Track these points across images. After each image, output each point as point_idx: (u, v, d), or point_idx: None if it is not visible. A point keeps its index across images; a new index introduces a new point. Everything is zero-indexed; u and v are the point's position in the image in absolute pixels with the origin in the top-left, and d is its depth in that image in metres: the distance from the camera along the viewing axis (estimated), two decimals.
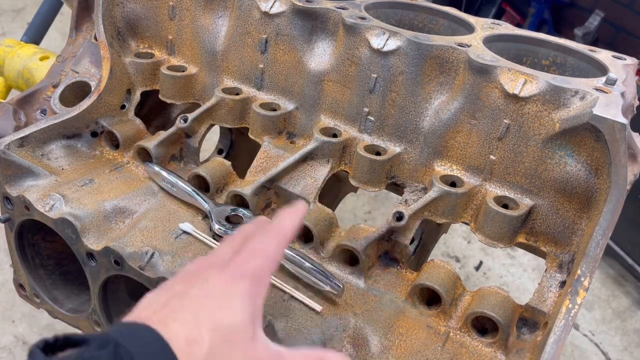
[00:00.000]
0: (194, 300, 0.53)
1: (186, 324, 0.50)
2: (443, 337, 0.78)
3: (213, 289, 0.54)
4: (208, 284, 0.55)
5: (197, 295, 0.54)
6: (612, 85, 0.77)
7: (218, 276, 0.56)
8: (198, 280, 0.56)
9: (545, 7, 3.27)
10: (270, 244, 0.59)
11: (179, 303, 0.53)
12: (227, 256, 0.59)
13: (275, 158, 0.98)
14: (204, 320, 0.51)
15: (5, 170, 0.96)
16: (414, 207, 0.84)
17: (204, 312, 0.52)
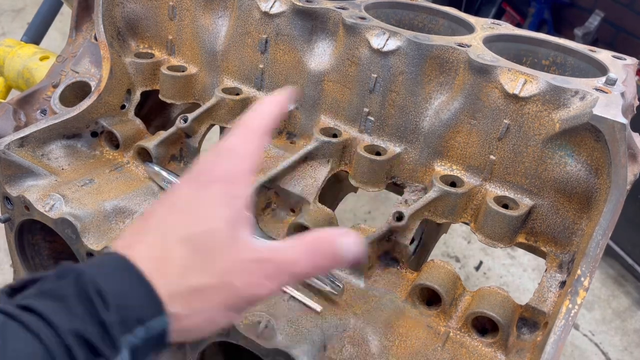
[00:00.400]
0: (159, 218, 0.50)
1: (153, 243, 0.48)
2: (443, 337, 0.78)
3: (179, 201, 0.51)
4: (174, 198, 0.51)
5: (163, 213, 0.50)
6: (612, 85, 0.77)
7: (185, 188, 0.52)
8: (166, 199, 0.52)
9: (545, 7, 3.27)
10: (240, 142, 0.53)
11: (145, 224, 0.50)
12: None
13: (275, 158, 0.98)
14: (171, 235, 0.48)
15: (5, 170, 0.96)
16: (414, 207, 0.84)
17: (170, 226, 0.49)
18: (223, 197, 0.50)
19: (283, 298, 0.81)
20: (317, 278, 0.80)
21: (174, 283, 0.46)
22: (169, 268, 0.46)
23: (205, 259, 0.47)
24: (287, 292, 0.81)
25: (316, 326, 0.77)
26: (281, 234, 0.92)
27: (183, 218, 0.49)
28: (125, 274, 0.45)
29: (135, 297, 0.44)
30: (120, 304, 0.43)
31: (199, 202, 0.50)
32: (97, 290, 0.42)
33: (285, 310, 0.78)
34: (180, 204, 0.50)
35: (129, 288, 0.44)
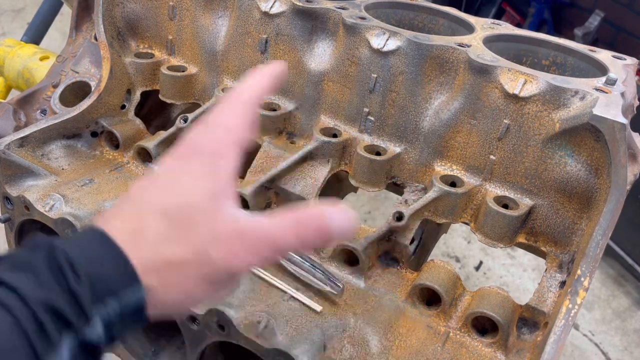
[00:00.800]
0: (139, 192, 0.49)
1: (129, 215, 0.47)
2: (443, 337, 0.78)
3: (161, 175, 0.50)
4: (157, 171, 0.50)
5: (143, 187, 0.49)
6: (612, 85, 0.77)
7: (169, 162, 0.51)
8: (150, 174, 0.51)
9: (545, 7, 3.27)
10: (228, 114, 0.51)
11: (125, 199, 0.49)
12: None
13: (275, 158, 0.98)
14: (147, 207, 0.47)
15: (5, 170, 0.96)
16: (414, 207, 0.84)
17: (148, 199, 0.48)
18: (206, 169, 0.48)
19: (283, 298, 0.81)
20: (317, 278, 0.81)
21: (149, 253, 0.45)
22: (144, 239, 0.45)
23: (181, 230, 0.46)
24: (287, 291, 0.81)
25: (316, 326, 0.77)
26: None
27: (162, 190, 0.48)
28: (99, 244, 0.44)
29: (107, 266, 0.43)
30: (92, 273, 0.42)
31: (180, 175, 0.49)
32: (69, 260, 0.42)
33: (285, 310, 0.78)
34: (161, 178, 0.49)
35: (101, 258, 0.43)
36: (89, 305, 0.41)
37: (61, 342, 0.40)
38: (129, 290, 0.43)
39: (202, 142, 0.50)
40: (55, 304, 0.40)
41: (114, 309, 0.42)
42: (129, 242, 0.44)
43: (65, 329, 0.40)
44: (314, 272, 0.81)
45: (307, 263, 0.82)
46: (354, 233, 0.49)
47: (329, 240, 0.48)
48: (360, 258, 0.84)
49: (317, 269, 0.81)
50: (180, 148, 0.50)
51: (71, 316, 0.40)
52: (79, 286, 0.41)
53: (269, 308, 0.78)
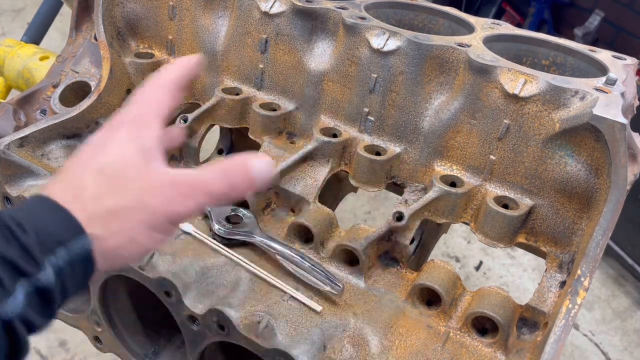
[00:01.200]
0: (74, 160, 0.55)
1: (67, 178, 0.52)
2: (443, 337, 0.78)
3: (92, 144, 0.56)
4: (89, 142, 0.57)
5: (77, 156, 0.55)
6: (612, 85, 0.77)
7: (99, 134, 0.57)
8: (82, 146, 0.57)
9: (545, 7, 3.28)
10: (146, 92, 0.59)
11: (63, 169, 0.55)
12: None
13: (275, 158, 0.98)
14: (84, 169, 0.53)
15: (5, 170, 0.96)
16: (414, 207, 0.84)
17: (83, 163, 0.53)
18: (131, 135, 0.55)
19: (283, 298, 0.81)
20: (317, 278, 0.81)
21: (90, 206, 0.50)
22: (84, 195, 0.50)
23: (118, 183, 0.52)
24: (287, 292, 0.81)
25: (316, 326, 0.77)
26: (281, 234, 0.92)
27: (96, 154, 0.54)
28: (42, 205, 0.48)
29: (52, 221, 0.47)
30: (38, 228, 0.46)
31: (111, 140, 0.55)
32: (15, 221, 0.46)
33: (285, 310, 0.78)
34: (94, 144, 0.55)
35: (45, 215, 0.48)
36: (39, 254, 0.45)
37: (15, 288, 0.44)
38: (75, 239, 0.48)
39: (125, 115, 0.57)
40: (7, 254, 0.44)
41: (62, 257, 0.46)
42: (70, 199, 0.49)
43: (19, 276, 0.44)
44: (314, 272, 0.81)
45: (307, 263, 0.82)
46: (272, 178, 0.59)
47: (252, 184, 0.56)
48: (360, 258, 0.84)
49: (317, 269, 0.81)
50: (109, 122, 0.58)
51: (23, 265, 0.44)
52: (27, 238, 0.45)
53: (268, 308, 0.78)
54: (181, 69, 0.62)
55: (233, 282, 0.83)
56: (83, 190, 0.50)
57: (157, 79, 0.60)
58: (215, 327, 0.78)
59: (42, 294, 0.46)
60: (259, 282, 0.83)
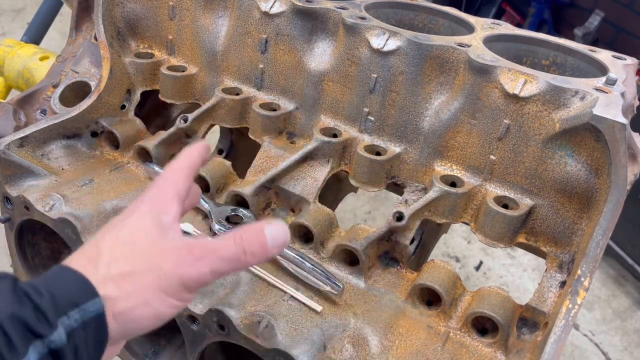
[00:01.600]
0: (98, 235, 0.56)
1: (87, 250, 0.54)
2: (443, 337, 0.78)
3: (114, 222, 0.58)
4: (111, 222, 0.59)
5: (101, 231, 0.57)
6: (612, 85, 0.77)
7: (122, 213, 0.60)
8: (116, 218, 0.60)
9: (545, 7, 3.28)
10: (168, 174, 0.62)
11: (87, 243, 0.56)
12: None
13: (275, 158, 0.98)
14: (102, 242, 0.54)
15: (5, 170, 0.96)
16: (414, 207, 0.84)
17: (103, 237, 0.55)
18: (150, 210, 0.57)
19: (283, 298, 0.81)
20: (317, 278, 0.81)
21: (103, 269, 0.51)
22: (99, 260, 0.52)
23: (133, 249, 0.53)
24: (287, 292, 0.81)
25: (316, 326, 0.77)
26: None
27: (114, 227, 0.56)
28: (58, 271, 0.50)
29: (66, 283, 0.49)
30: (53, 290, 0.47)
31: (129, 215, 0.57)
32: (32, 285, 0.47)
33: (285, 310, 0.78)
34: (114, 224, 0.57)
35: (60, 279, 0.49)
36: (53, 316, 0.46)
37: (27, 350, 0.44)
38: (89, 301, 0.48)
39: (148, 194, 0.60)
40: (21, 315, 0.45)
41: (75, 319, 0.47)
42: (84, 263, 0.51)
43: (32, 338, 0.45)
44: (314, 272, 0.81)
45: (307, 263, 0.82)
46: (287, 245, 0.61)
47: (267, 251, 0.56)
48: (360, 258, 0.84)
49: (317, 269, 0.81)
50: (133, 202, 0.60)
51: (36, 326, 0.45)
52: (41, 301, 0.46)
53: (268, 308, 0.78)
54: (197, 155, 0.65)
55: (233, 282, 0.83)
56: (98, 256, 0.52)
57: (176, 164, 0.63)
58: (215, 327, 0.78)
59: (55, 356, 0.46)
60: (259, 282, 0.83)
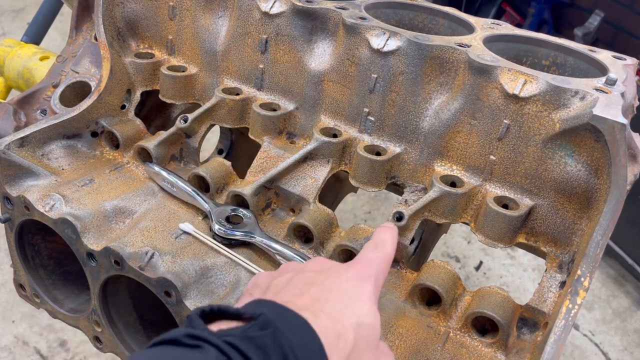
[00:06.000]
0: (334, 294, 0.56)
1: (333, 318, 0.53)
2: (443, 337, 0.78)
3: (347, 285, 0.58)
4: (341, 278, 0.59)
5: (334, 289, 0.57)
6: (612, 86, 0.77)
7: (347, 273, 0.60)
8: (329, 273, 0.59)
9: (545, 7, 3.27)
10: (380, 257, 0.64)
11: (320, 294, 0.56)
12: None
13: (275, 158, 0.98)
14: (347, 316, 0.54)
15: (5, 170, 0.96)
16: (414, 207, 0.84)
17: (347, 308, 0.55)
18: (374, 295, 0.59)
19: None
20: None
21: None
22: (342, 350, 0.52)
23: (366, 347, 0.55)
24: None
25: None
26: (281, 234, 0.92)
27: (354, 304, 0.57)
28: (312, 339, 0.50)
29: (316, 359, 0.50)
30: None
31: (363, 295, 0.58)
32: (292, 351, 0.48)
33: None
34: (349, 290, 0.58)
35: (312, 351, 0.50)
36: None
37: None
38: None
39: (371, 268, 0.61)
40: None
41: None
42: (330, 346, 0.51)
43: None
44: None
45: None
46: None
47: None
48: None
49: None
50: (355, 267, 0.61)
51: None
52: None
53: None
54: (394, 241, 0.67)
55: (233, 282, 0.83)
56: (341, 342, 0.53)
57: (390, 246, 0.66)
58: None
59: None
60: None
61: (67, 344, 2.00)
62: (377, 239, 0.67)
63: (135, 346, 1.01)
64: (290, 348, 0.48)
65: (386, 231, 0.69)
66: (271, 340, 0.48)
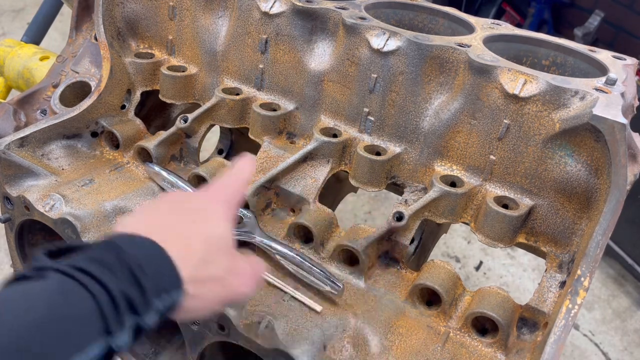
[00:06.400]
0: (182, 216, 0.62)
1: (180, 234, 0.59)
2: (443, 337, 0.78)
3: (198, 207, 0.64)
4: (191, 204, 0.65)
5: (187, 209, 0.63)
6: (612, 86, 0.77)
7: (199, 199, 0.67)
8: (181, 200, 0.66)
9: (545, 7, 3.27)
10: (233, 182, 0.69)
11: (167, 218, 0.62)
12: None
13: (275, 158, 0.98)
14: (195, 231, 0.61)
15: (5, 170, 0.96)
16: (414, 207, 0.84)
17: (194, 224, 0.61)
18: (226, 214, 0.65)
19: (283, 298, 0.81)
20: (317, 278, 0.81)
21: (193, 270, 0.58)
22: (191, 259, 0.58)
23: (217, 256, 0.61)
24: (287, 292, 0.81)
25: (316, 326, 0.77)
26: (281, 234, 0.92)
27: (204, 221, 0.62)
28: (159, 254, 0.55)
29: (166, 271, 0.55)
30: (156, 274, 0.54)
31: (214, 213, 0.64)
32: (137, 263, 0.52)
33: (285, 310, 0.78)
34: (201, 211, 0.64)
35: (161, 264, 0.55)
36: (152, 298, 0.53)
37: (126, 324, 0.51)
38: (176, 291, 0.56)
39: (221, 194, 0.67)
40: (129, 294, 0.51)
41: (163, 303, 0.54)
42: (179, 258, 0.56)
43: (133, 314, 0.51)
44: (314, 272, 0.81)
45: (307, 263, 0.82)
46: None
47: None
48: (360, 258, 0.84)
49: (317, 269, 0.81)
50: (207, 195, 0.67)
51: (140, 305, 0.52)
52: (146, 283, 0.52)
53: (269, 308, 0.78)
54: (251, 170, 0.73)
55: None
56: (190, 254, 0.58)
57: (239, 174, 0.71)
58: (216, 327, 0.78)
59: (139, 330, 0.53)
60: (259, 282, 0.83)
61: None
62: (234, 167, 0.72)
63: (135, 346, 1.01)
64: (135, 262, 0.52)
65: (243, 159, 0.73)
66: (115, 257, 0.52)
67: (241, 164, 0.72)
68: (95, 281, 0.50)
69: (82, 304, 0.48)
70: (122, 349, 0.51)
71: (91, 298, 0.49)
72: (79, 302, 0.48)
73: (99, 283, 0.50)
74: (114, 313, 0.50)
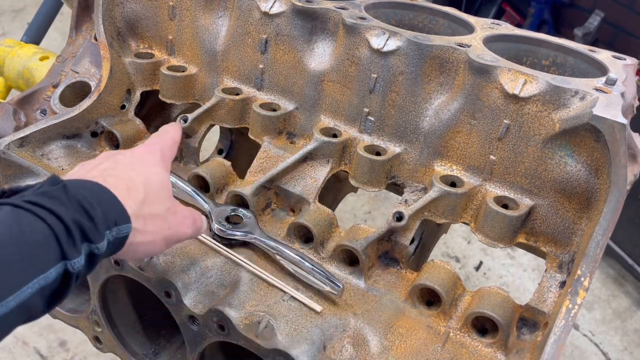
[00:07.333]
0: (121, 164, 0.68)
1: (121, 178, 0.64)
2: (443, 337, 0.78)
3: (133, 157, 0.70)
4: (130, 153, 0.71)
5: (121, 161, 0.69)
6: (612, 86, 0.77)
7: (134, 152, 0.72)
8: (118, 154, 0.71)
9: (545, 7, 3.27)
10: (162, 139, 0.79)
11: (111, 165, 0.67)
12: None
13: (275, 158, 0.98)
14: (136, 175, 0.66)
15: (5, 170, 0.96)
16: (414, 207, 0.84)
17: (133, 170, 0.67)
18: (163, 163, 0.73)
19: (283, 298, 0.81)
20: (317, 278, 0.81)
21: (137, 206, 0.63)
22: (134, 198, 0.63)
23: (158, 197, 0.67)
24: (287, 292, 0.81)
25: (316, 326, 0.77)
26: (281, 234, 0.92)
27: (143, 166, 0.69)
28: (104, 192, 0.60)
29: (112, 206, 0.60)
30: (103, 207, 0.58)
31: (152, 160, 0.71)
32: (86, 199, 0.56)
33: (285, 311, 0.78)
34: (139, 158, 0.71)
35: (106, 200, 0.60)
36: (102, 229, 0.57)
37: (82, 250, 0.55)
38: (124, 224, 0.60)
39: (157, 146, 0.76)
40: (81, 222, 0.55)
41: (113, 235, 0.59)
42: (124, 197, 0.61)
43: (86, 242, 0.55)
44: (314, 272, 0.81)
45: (307, 263, 0.82)
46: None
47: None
48: (360, 258, 0.84)
49: (317, 269, 0.81)
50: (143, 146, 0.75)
51: (91, 233, 0.55)
52: (96, 213, 0.56)
53: (268, 308, 0.78)
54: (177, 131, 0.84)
55: (233, 282, 0.83)
56: (133, 194, 0.63)
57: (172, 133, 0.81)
58: (215, 327, 0.78)
59: (91, 258, 0.56)
60: (259, 282, 0.83)
61: (67, 344, 2.00)
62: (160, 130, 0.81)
63: (135, 346, 1.01)
64: (83, 197, 0.56)
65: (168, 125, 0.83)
66: (62, 192, 0.55)
67: (166, 127, 0.82)
68: (47, 211, 0.52)
69: (38, 231, 0.51)
70: (79, 274, 0.55)
71: (46, 226, 0.52)
72: (35, 230, 0.51)
73: (52, 213, 0.52)
74: (69, 239, 0.53)
